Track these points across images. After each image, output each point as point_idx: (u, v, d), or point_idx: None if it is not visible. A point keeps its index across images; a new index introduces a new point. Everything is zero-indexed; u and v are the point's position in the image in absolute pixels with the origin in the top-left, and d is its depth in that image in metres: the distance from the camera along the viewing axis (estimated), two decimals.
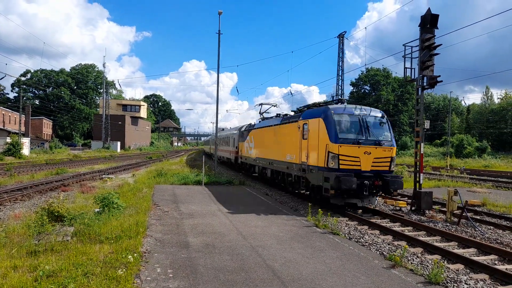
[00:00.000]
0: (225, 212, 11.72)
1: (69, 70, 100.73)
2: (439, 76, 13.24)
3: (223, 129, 43.32)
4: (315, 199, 13.87)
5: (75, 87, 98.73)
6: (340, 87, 47.06)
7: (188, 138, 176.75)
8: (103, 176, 24.07)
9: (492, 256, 8.02)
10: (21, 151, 43.58)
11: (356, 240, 9.23)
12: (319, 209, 10.86)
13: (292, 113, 18.02)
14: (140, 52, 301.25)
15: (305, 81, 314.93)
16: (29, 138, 54.74)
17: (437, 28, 13.23)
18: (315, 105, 15.86)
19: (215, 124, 27.54)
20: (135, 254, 6.68)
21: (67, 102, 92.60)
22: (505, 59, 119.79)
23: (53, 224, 8.61)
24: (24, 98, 75.95)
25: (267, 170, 19.90)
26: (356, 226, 10.87)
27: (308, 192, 14.84)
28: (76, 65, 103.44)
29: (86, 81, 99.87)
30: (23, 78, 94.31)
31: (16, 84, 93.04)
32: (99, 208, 10.70)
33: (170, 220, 10.27)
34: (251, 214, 11.39)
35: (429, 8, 13.19)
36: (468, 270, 7.13)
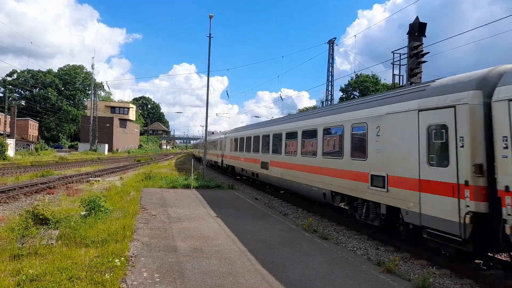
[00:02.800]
0: (214, 216, 11.65)
1: (56, 71, 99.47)
2: None
3: (212, 133, 43.21)
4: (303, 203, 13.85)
5: (63, 88, 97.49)
6: (330, 93, 47.48)
7: (178, 141, 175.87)
8: (90, 179, 23.73)
9: None
10: (5, 153, 42.65)
11: (344, 245, 9.27)
12: (308, 215, 10.88)
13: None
14: (130, 54, 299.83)
15: (295, 86, 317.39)
16: (14, 139, 53.67)
17: (425, 36, 13.49)
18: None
19: (204, 128, 27.30)
20: (122, 258, 6.59)
21: (54, 103, 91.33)
22: None
23: (37, 227, 8.43)
24: (10, 98, 74.57)
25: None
26: (344, 231, 10.92)
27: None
28: (64, 66, 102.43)
29: (74, 82, 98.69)
30: (9, 78, 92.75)
31: (2, 84, 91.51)
32: (86, 211, 10.52)
33: (158, 224, 10.16)
34: (240, 218, 11.35)
35: (417, 16, 13.45)
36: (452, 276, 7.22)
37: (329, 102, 45.66)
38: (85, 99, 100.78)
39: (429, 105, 7.68)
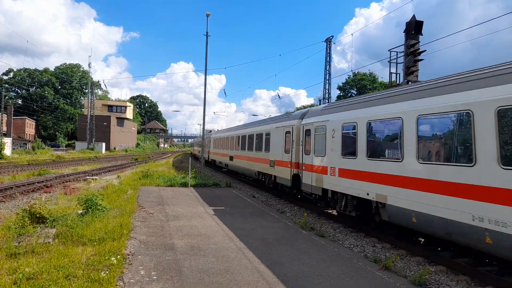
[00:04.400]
0: (211, 214, 11.66)
1: (53, 70, 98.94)
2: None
3: (210, 131, 43.21)
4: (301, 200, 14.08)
5: (59, 87, 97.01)
6: (327, 91, 47.50)
7: (175, 140, 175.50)
8: (87, 177, 23.67)
9: None
10: (2, 152, 42.48)
11: (341, 242, 9.31)
12: (305, 213, 10.92)
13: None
14: (127, 52, 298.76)
15: (293, 85, 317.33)
16: (11, 138, 53.48)
17: (422, 35, 13.50)
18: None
19: (202, 126, 27.28)
20: (119, 256, 6.58)
21: (51, 102, 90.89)
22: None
23: (34, 225, 8.42)
24: (6, 97, 74.23)
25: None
26: (341, 229, 10.96)
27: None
28: (61, 65, 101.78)
29: (71, 81, 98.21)
30: (5, 77, 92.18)
31: None
32: (83, 209, 10.50)
33: (155, 222, 10.16)
34: (238, 216, 11.37)
35: (414, 15, 13.45)
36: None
37: (327, 101, 45.69)
38: (82, 98, 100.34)
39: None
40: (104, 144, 77.78)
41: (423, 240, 9.14)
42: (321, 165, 12.04)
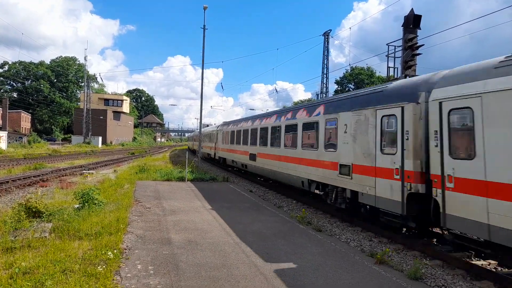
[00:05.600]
0: (208, 208, 11.66)
1: (49, 63, 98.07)
2: None
3: (207, 125, 43.12)
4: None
5: (55, 80, 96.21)
6: (325, 85, 47.45)
7: (172, 134, 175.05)
8: (84, 171, 23.58)
9: None
10: None
11: (337, 236, 9.33)
12: (303, 207, 10.92)
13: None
14: (123, 45, 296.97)
15: (290, 79, 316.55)
16: (7, 132, 53.06)
17: (420, 29, 13.45)
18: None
19: (199, 120, 27.22)
20: (115, 251, 6.57)
21: (47, 96, 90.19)
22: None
23: (30, 220, 8.39)
24: (1, 90, 73.63)
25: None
26: (338, 223, 10.98)
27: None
28: (57, 58, 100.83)
29: (67, 74, 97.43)
30: (0, 70, 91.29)
31: None
32: (79, 204, 10.47)
33: (152, 216, 10.14)
34: (235, 211, 11.37)
35: (412, 8, 13.38)
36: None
37: (324, 95, 45.64)
38: (78, 91, 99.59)
39: None
40: (100, 138, 77.41)
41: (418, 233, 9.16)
42: None
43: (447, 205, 6.90)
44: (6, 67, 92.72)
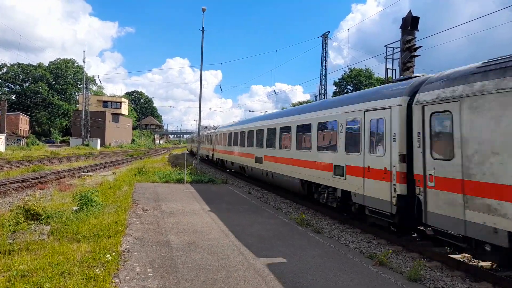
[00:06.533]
0: (207, 210, 11.64)
1: (47, 65, 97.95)
2: None
3: (206, 127, 43.12)
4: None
5: (54, 82, 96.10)
6: (323, 87, 47.49)
7: (171, 136, 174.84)
8: (82, 174, 23.52)
9: None
10: None
11: (337, 238, 9.33)
12: (301, 210, 10.91)
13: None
14: (122, 47, 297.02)
15: (289, 81, 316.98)
16: (5, 134, 52.96)
17: (418, 30, 13.52)
18: None
19: (197, 122, 27.20)
20: (114, 253, 6.55)
21: (45, 98, 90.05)
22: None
23: (28, 222, 8.36)
24: (0, 92, 73.47)
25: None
26: (337, 225, 10.98)
27: None
28: (55, 60, 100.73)
29: (65, 76, 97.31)
30: None
31: None
32: (77, 206, 10.45)
33: (151, 218, 10.12)
34: (234, 213, 11.35)
35: (410, 10, 13.44)
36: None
37: (323, 97, 45.68)
38: (76, 94, 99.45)
39: None
40: (99, 140, 77.29)
41: (417, 235, 9.18)
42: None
43: (428, 203, 7.25)
44: (5, 69, 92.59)
